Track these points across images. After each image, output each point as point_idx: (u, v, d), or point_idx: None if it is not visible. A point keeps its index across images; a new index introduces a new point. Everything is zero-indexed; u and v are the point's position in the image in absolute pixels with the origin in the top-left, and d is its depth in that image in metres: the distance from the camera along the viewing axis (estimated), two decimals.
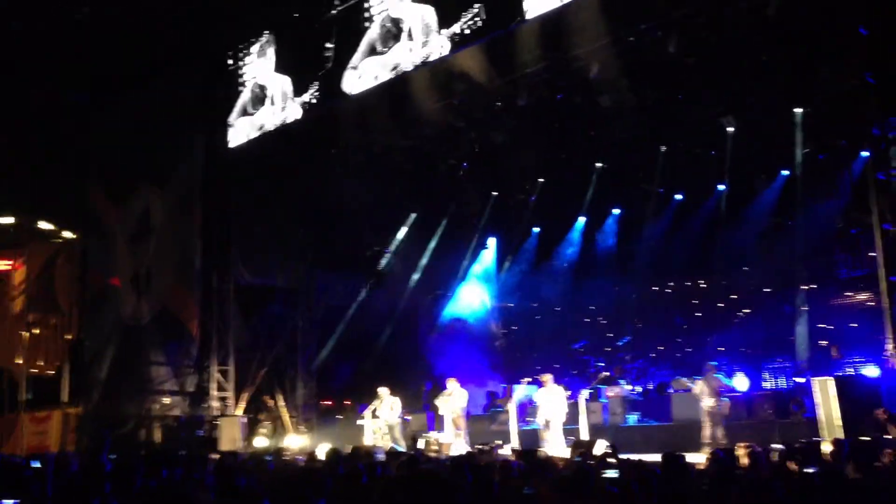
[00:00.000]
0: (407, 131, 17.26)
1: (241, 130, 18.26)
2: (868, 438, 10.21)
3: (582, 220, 21.35)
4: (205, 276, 18.98)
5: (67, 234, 24.19)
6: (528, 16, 13.11)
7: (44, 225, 24.01)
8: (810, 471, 6.72)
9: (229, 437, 17.03)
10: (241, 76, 18.36)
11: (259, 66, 17.98)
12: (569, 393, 15.24)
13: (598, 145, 18.12)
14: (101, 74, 20.58)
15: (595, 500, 4.66)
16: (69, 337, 23.20)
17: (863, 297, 16.96)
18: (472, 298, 23.00)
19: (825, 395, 11.36)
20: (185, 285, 19.57)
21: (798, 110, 15.93)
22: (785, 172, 17.58)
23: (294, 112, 16.91)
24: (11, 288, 24.13)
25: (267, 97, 17.68)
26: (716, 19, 13.11)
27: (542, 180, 20.38)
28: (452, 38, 14.02)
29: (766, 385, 17.67)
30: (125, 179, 21.31)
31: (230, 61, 18.64)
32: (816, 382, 11.82)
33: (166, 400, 19.38)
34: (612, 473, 6.63)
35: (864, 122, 11.51)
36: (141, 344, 20.16)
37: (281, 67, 17.54)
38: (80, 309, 22.88)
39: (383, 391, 16.04)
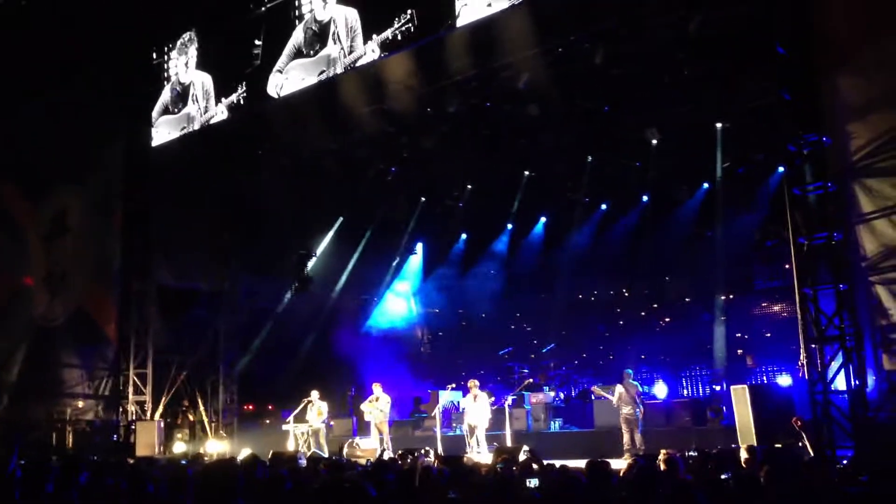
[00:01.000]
0: (336, 135, 17.11)
1: (163, 129, 17.84)
2: (780, 445, 10.54)
3: (509, 227, 21.54)
4: (124, 278, 18.47)
5: None
6: (459, 23, 13.15)
7: None
8: (725, 476, 6.87)
9: (146, 441, 16.59)
10: (165, 73, 17.94)
11: (181, 63, 17.60)
12: (493, 399, 15.31)
13: (526, 153, 18.30)
14: (19, 68, 19.83)
15: None
16: None
17: (778, 307, 17.56)
18: (397, 304, 22.95)
19: (741, 403, 11.67)
20: (102, 286, 19.00)
21: (719, 125, 16.39)
22: (706, 185, 18.06)
23: (219, 113, 16.59)
24: None
25: (189, 96, 17.31)
26: (639, 33, 13.37)
27: (470, 187, 20.49)
28: (383, 42, 13.95)
29: (685, 392, 18.10)
30: (41, 176, 20.56)
31: (154, 56, 18.20)
32: (733, 390, 12.13)
33: (79, 403, 18.77)
34: (534, 482, 6.66)
35: (781, 137, 11.86)
36: (53, 345, 19.46)
37: (204, 65, 17.19)
38: None
39: (314, 394, 15.87)
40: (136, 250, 18.51)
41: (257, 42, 15.91)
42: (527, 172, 19.42)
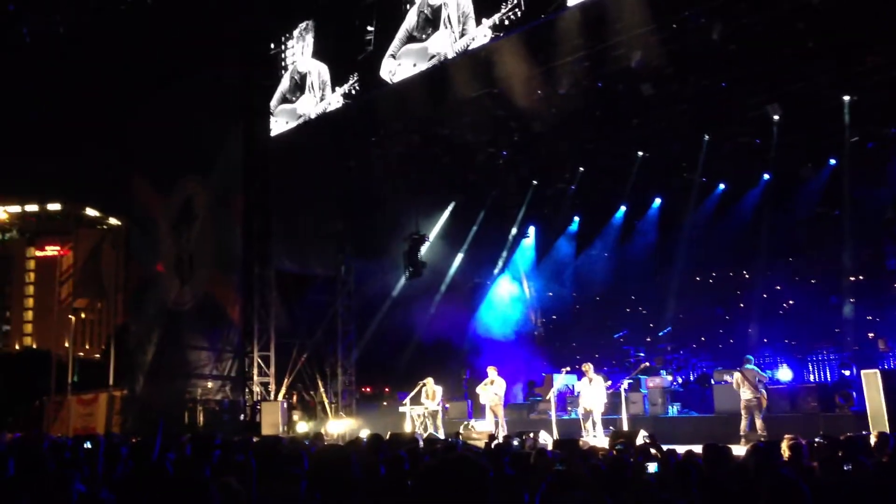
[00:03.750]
0: (446, 120, 17.24)
1: (281, 119, 18.39)
2: None
3: (623, 209, 21.20)
4: (245, 264, 19.19)
5: (113, 221, 24.70)
6: (569, 3, 12.99)
7: (90, 212, 24.50)
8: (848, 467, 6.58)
9: (271, 421, 17.24)
10: (282, 62, 18.46)
11: (298, 53, 18.07)
12: (609, 383, 15.16)
13: (639, 134, 17.93)
14: (146, 64, 20.88)
15: (634, 491, 4.63)
16: (115, 321, 23.67)
17: None
18: (511, 287, 22.97)
19: (872, 388, 11.15)
20: (225, 272, 19.83)
21: (846, 98, 15.60)
22: (832, 161, 17.25)
23: (334, 102, 16.97)
24: (59, 273, 24.69)
25: (306, 85, 17.77)
26: (759, 5, 12.87)
27: (582, 169, 20.25)
28: (493, 26, 13.94)
29: (811, 377, 17.42)
30: (168, 168, 21.63)
31: (272, 45, 18.74)
32: (864, 375, 11.59)
33: (208, 384, 19.70)
34: (653, 467, 6.59)
35: None
36: (183, 329, 20.48)
37: (319, 55, 17.60)
38: (126, 294, 23.33)
39: (428, 380, 16.11)
40: (255, 237, 19.17)
41: (370, 28, 16.15)
42: (640, 153, 19.03)
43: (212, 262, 20.24)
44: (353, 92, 16.57)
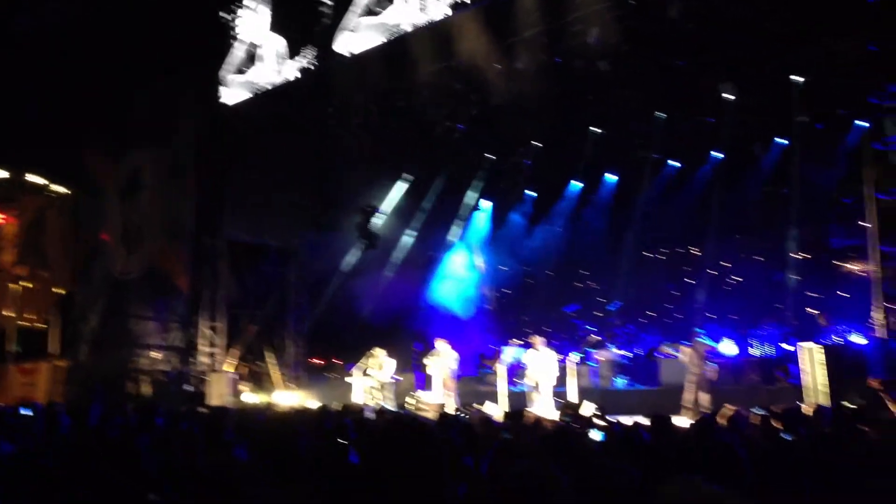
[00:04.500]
0: (404, 93, 17.10)
1: (234, 89, 18.09)
2: (853, 406, 10.29)
3: (577, 185, 21.32)
4: (196, 233, 18.91)
5: (59, 189, 24.02)
6: None
7: (35, 179, 23.82)
8: (788, 437, 6.75)
9: (218, 392, 17.09)
10: (233, 32, 18.12)
11: (253, 23, 17.74)
12: (559, 356, 15.30)
13: (595, 111, 17.99)
14: (95, 30, 20.30)
15: (579, 457, 4.67)
16: (59, 290, 23.15)
17: (853, 266, 17.02)
18: (463, 261, 23.00)
19: (812, 362, 11.42)
20: (175, 241, 19.52)
21: (798, 79, 15.82)
22: (782, 141, 17.53)
23: (290, 73, 16.74)
24: (3, 241, 24.02)
25: (260, 56, 17.49)
26: None
27: (538, 144, 20.28)
28: (452, 4, 13.85)
29: (754, 352, 17.79)
30: (120, 137, 21.13)
31: (227, 16, 18.38)
32: (804, 349, 11.87)
33: (155, 354, 19.43)
34: (599, 435, 6.67)
35: (862, 91, 11.42)
36: (129, 298, 20.15)
37: (275, 26, 17.32)
38: (70, 263, 22.81)
39: (379, 351, 16.09)
40: (207, 207, 18.89)
41: (327, 1, 15.93)
42: (596, 130, 19.12)
43: (160, 232, 19.89)
44: (311, 62, 16.35)
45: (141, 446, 5.06)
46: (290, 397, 17.94)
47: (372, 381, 15.92)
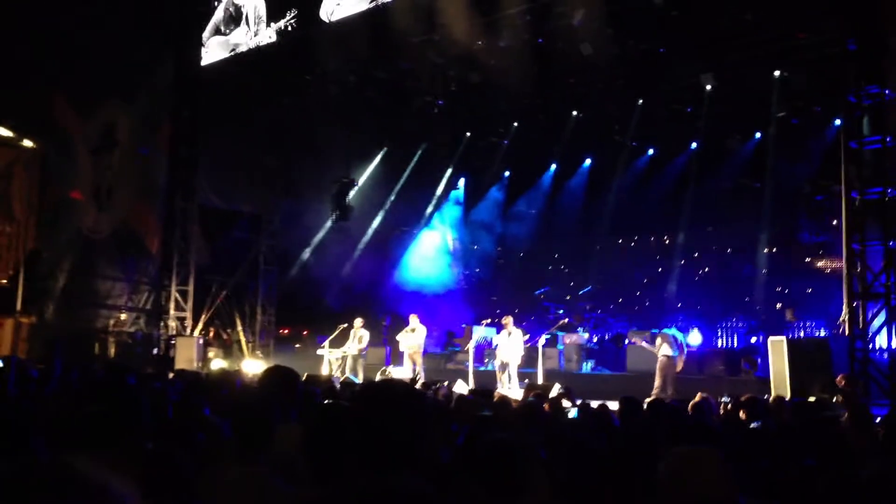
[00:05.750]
0: (384, 63, 16.98)
1: (213, 50, 17.82)
2: (813, 399, 10.48)
3: (553, 167, 21.36)
4: (169, 195, 18.67)
5: (27, 143, 23.55)
6: None
7: (2, 132, 23.33)
8: (755, 424, 6.86)
9: (185, 356, 16.96)
10: None
11: None
12: (527, 337, 15.38)
13: (575, 93, 18.01)
14: None
15: (552, 431, 4.72)
16: (25, 246, 22.76)
17: (822, 262, 17.30)
18: (437, 238, 23.00)
19: (778, 356, 11.59)
20: (147, 202, 19.28)
21: (777, 73, 15.95)
22: (758, 135, 17.68)
23: (269, 36, 16.52)
24: None
25: (241, 17, 17.22)
26: None
27: (516, 124, 20.26)
28: None
29: (720, 343, 18.04)
30: (92, 91, 20.72)
31: None
32: (771, 342, 12.05)
33: (122, 316, 19.22)
34: (573, 411, 6.73)
35: (841, 89, 11.54)
36: (98, 258, 19.88)
37: None
38: (38, 219, 22.42)
39: (357, 322, 16.00)
40: (181, 169, 18.65)
41: None
42: (575, 112, 19.14)
43: (132, 191, 19.61)
44: (290, 28, 16.15)
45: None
46: (257, 365, 17.87)
47: (340, 353, 15.89)
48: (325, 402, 5.31)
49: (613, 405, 7.29)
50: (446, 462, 3.54)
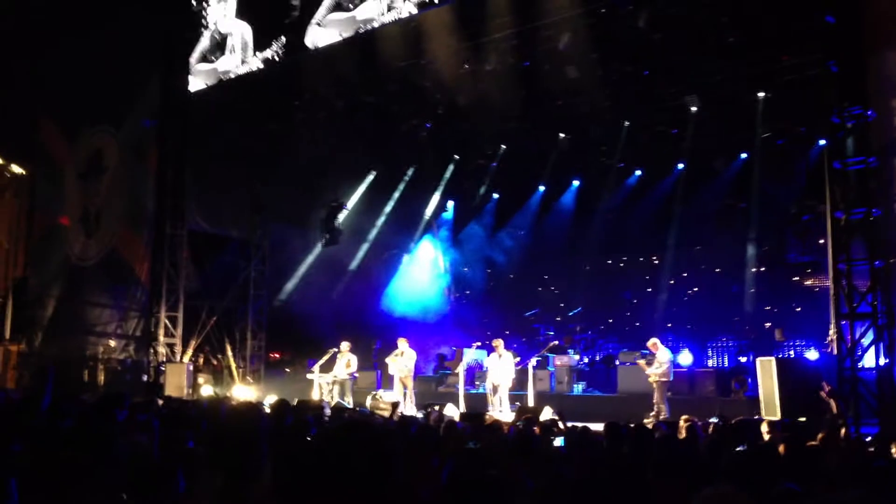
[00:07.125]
0: (371, 88, 17.06)
1: (200, 77, 17.87)
2: (804, 419, 10.52)
3: (541, 189, 21.45)
4: (157, 221, 18.63)
5: (16, 169, 23.52)
6: None
7: None
8: (741, 448, 6.86)
9: (175, 383, 16.86)
10: (203, 19, 17.90)
11: (220, 11, 17.55)
12: (518, 359, 15.38)
13: (562, 116, 18.12)
14: (60, 6, 19.94)
15: (540, 462, 4.72)
16: (14, 274, 22.69)
17: (809, 282, 17.39)
18: (426, 260, 23.01)
19: (767, 376, 11.62)
20: (135, 228, 19.23)
21: (761, 94, 16.10)
22: (743, 155, 17.81)
23: (256, 63, 16.59)
24: None
25: (227, 45, 17.30)
26: None
27: (504, 147, 20.35)
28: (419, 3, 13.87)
29: (710, 363, 18.06)
30: (79, 117, 20.77)
31: (193, 2, 18.15)
32: (760, 362, 12.08)
33: (111, 343, 19.12)
34: (559, 440, 6.73)
35: (824, 110, 11.65)
36: (87, 285, 19.81)
37: (243, 15, 17.14)
38: (26, 246, 22.36)
39: (344, 346, 16.00)
40: (169, 194, 18.61)
41: None
42: (562, 135, 19.24)
43: (121, 218, 19.58)
44: (276, 58, 16.22)
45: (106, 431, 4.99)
46: (247, 391, 17.80)
47: (330, 378, 15.85)
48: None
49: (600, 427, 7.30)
50: (427, 500, 3.53)
